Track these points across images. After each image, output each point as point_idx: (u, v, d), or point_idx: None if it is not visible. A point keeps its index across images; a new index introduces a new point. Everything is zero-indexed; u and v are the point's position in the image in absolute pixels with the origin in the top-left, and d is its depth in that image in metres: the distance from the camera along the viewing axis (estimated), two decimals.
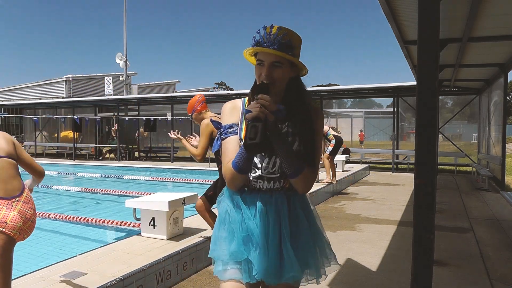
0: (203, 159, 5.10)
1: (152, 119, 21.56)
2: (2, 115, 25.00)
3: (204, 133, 4.99)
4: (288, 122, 2.10)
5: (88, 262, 4.62)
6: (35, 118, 22.67)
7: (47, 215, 8.39)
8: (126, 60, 28.21)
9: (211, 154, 16.58)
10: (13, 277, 4.28)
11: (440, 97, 16.32)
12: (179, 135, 5.41)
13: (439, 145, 12.07)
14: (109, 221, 7.43)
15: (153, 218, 5.68)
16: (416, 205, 3.10)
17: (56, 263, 4.62)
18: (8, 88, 42.71)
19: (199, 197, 5.63)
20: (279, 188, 2.11)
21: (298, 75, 2.12)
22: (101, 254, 4.94)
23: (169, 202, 5.53)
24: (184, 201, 5.87)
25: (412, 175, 3.50)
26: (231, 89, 65.39)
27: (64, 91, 36.85)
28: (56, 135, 28.08)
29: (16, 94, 40.88)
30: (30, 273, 4.32)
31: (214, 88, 75.72)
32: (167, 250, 5.05)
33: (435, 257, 3.11)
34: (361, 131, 33.94)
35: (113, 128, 23.76)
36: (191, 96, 20.21)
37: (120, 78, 29.64)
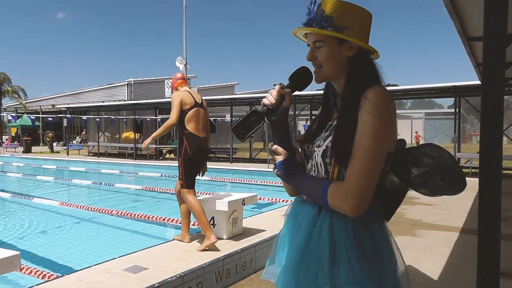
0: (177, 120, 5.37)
1: (212, 120, 21.89)
2: (68, 117, 26.08)
3: (174, 102, 5.36)
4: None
5: (149, 258, 4.69)
6: (98, 119, 23.56)
7: (109, 211, 8.67)
8: (186, 63, 28.72)
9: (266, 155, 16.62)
10: (79, 268, 4.44)
11: (505, 96, 15.51)
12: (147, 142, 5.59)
13: (503, 148, 11.46)
14: (169, 219, 7.57)
15: (212, 218, 5.71)
16: (481, 212, 2.91)
17: (119, 257, 4.73)
18: (74, 92, 44.74)
19: (258, 197, 5.63)
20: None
21: (361, 54, 1.67)
22: (162, 251, 5.02)
23: (229, 202, 5.53)
24: (243, 201, 5.86)
25: (475, 179, 3.28)
26: None
27: (126, 94, 38.15)
28: (118, 135, 29.04)
29: (80, 98, 42.74)
30: (94, 265, 4.44)
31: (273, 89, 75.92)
32: (227, 249, 5.06)
33: (501, 268, 2.92)
34: (416, 132, 32.80)
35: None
36: (250, 98, 20.18)
37: None
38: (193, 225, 6.69)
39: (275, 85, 1.67)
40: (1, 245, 3.95)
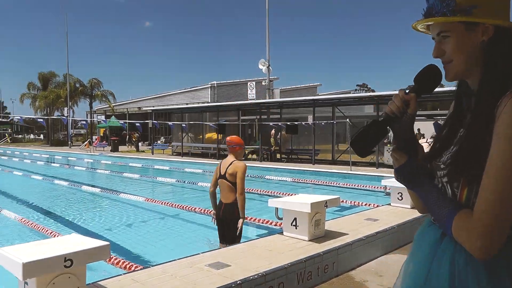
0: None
1: (290, 122, 21.89)
2: (155, 122, 27.13)
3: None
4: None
5: (232, 255, 4.71)
6: (184, 125, 24.30)
7: (193, 208, 8.88)
8: (269, 65, 28.93)
9: (355, 158, 16.29)
10: (163, 261, 4.55)
11: None
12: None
13: None
14: (251, 218, 7.60)
15: (295, 219, 5.64)
16: None
17: (202, 252, 4.79)
18: (159, 95, 46.59)
19: (340, 200, 5.49)
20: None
21: (500, 37, 1.30)
22: (245, 249, 5.02)
23: (311, 204, 5.43)
24: (326, 203, 5.74)
25: None
26: (373, 91, 63.80)
27: (209, 96, 39.11)
28: (201, 136, 29.82)
29: (165, 100, 44.39)
30: (179, 259, 4.52)
31: (355, 90, 74.57)
32: (309, 251, 4.96)
33: None
34: None
35: (272, 132, 24.33)
36: (333, 99, 19.76)
37: (263, 83, 30.55)
38: (275, 225, 6.68)
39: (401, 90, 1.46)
40: (91, 236, 4.12)
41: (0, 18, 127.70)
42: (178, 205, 9.32)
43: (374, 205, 8.74)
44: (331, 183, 13.25)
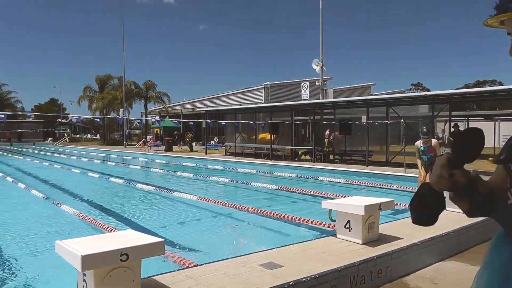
0: None
1: (348, 122, 21.59)
2: (209, 121, 27.46)
3: None
4: None
5: (284, 256, 4.69)
6: (236, 124, 24.50)
7: (245, 208, 8.93)
8: (323, 65, 28.70)
9: (409, 159, 15.86)
10: (216, 259, 4.59)
11: None
12: None
13: None
14: (304, 219, 7.56)
15: (348, 221, 5.55)
16: None
17: (255, 252, 4.80)
18: (212, 96, 47.26)
19: (395, 203, 5.35)
20: None
21: None
22: (297, 250, 4.99)
23: (365, 206, 5.33)
24: (380, 206, 5.61)
25: None
26: (428, 90, 61.96)
27: (262, 97, 39.25)
28: (254, 136, 29.96)
29: (219, 101, 44.96)
30: (232, 257, 4.56)
31: (410, 89, 72.80)
32: (362, 254, 4.86)
33: None
34: None
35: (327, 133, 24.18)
36: (387, 99, 19.32)
37: (316, 83, 30.34)
38: (328, 227, 6.60)
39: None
40: (145, 232, 4.22)
41: (60, 24, 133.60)
42: (231, 204, 9.39)
43: None
44: (385, 185, 12.95)
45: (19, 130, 61.63)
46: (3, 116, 18.31)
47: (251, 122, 24.76)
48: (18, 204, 11.07)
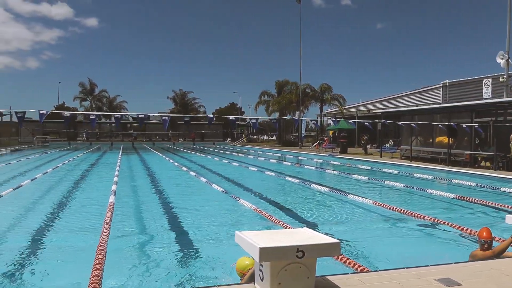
0: None
1: None
2: (385, 122, 26.81)
3: None
4: None
5: (464, 274, 4.34)
6: (413, 125, 23.47)
7: (420, 216, 8.54)
8: (509, 58, 25.79)
9: None
10: (388, 267, 4.48)
11: None
12: None
13: None
14: None
15: None
16: None
17: (431, 265, 4.55)
18: (387, 97, 46.03)
19: None
20: None
21: None
22: (478, 269, 4.59)
23: None
24: None
25: None
26: None
27: (440, 97, 36.94)
28: (431, 140, 28.39)
29: (394, 102, 43.61)
30: (406, 267, 4.39)
31: None
32: None
33: None
34: None
35: None
36: None
37: (500, 80, 27.38)
38: None
39: None
40: (318, 232, 4.28)
41: (238, 33, 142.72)
42: (404, 211, 9.06)
43: None
44: None
45: (202, 131, 67.74)
46: (187, 119, 20.74)
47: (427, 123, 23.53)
48: (200, 195, 12.31)
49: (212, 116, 42.43)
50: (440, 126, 24.30)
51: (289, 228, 7.18)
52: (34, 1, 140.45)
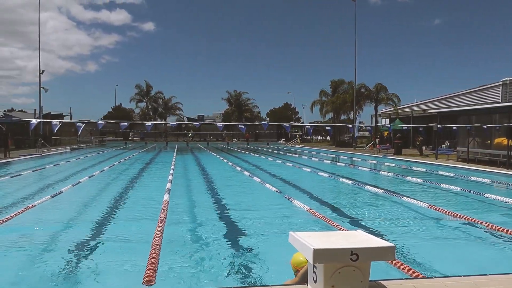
0: None
1: None
2: (438, 128, 26.08)
3: None
4: None
5: None
6: (468, 127, 22.68)
7: (477, 221, 8.30)
8: None
9: None
10: (437, 274, 4.38)
11: None
12: None
13: None
14: None
15: None
16: None
17: (490, 274, 4.41)
18: (443, 96, 44.64)
19: None
20: None
21: None
22: None
23: None
24: None
25: None
26: None
27: (500, 95, 35.40)
28: (489, 141, 27.36)
29: (450, 102, 42.22)
30: (463, 276, 4.27)
31: None
32: None
33: None
34: None
35: None
36: None
37: None
38: None
39: None
40: (372, 234, 4.27)
41: (293, 33, 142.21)
42: (461, 216, 8.83)
43: None
44: None
45: (256, 131, 68.19)
46: (243, 126, 21.38)
47: (485, 126, 22.69)
48: (253, 195, 12.46)
49: (266, 123, 42.95)
50: (497, 128, 23.38)
51: (343, 230, 7.18)
52: (94, 8, 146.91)
